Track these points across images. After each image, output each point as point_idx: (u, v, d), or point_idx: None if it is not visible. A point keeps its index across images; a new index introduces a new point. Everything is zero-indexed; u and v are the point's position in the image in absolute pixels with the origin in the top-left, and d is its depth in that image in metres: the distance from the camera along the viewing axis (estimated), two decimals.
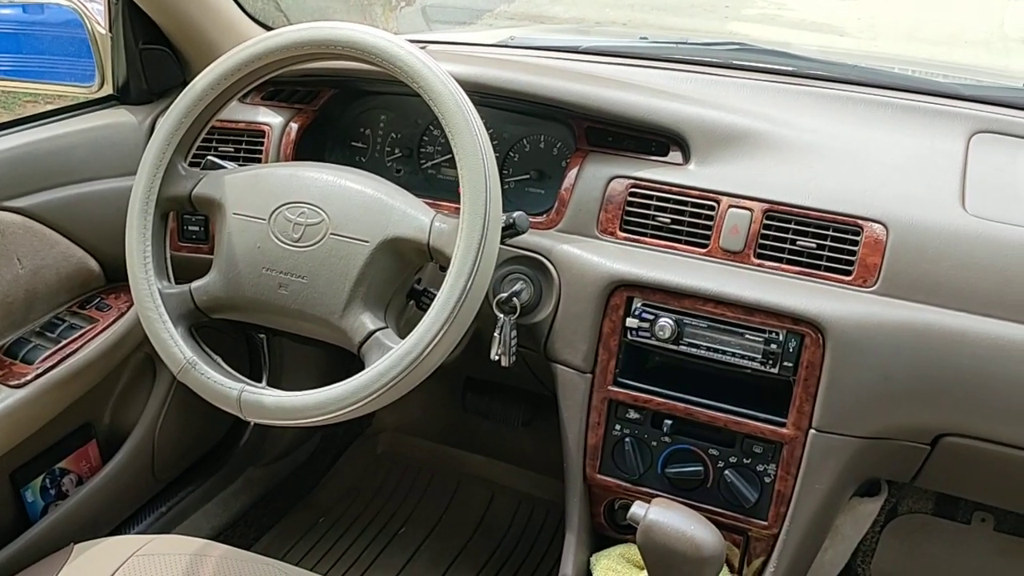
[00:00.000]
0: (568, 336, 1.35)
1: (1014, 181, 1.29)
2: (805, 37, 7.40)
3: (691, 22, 7.40)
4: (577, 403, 1.35)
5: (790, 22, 7.85)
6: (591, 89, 1.40)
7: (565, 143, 1.48)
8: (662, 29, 6.82)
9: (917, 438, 1.26)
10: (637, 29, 6.39)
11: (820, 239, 1.26)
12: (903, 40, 7.42)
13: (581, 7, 7.56)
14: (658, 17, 7.60)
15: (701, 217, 1.31)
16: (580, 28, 3.82)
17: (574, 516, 1.40)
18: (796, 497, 1.27)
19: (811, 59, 1.63)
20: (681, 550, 1.13)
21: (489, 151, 1.13)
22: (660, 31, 6.86)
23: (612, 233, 1.35)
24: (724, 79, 1.54)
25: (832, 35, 7.72)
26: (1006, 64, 6.83)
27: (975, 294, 1.19)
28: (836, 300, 1.22)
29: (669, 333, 1.28)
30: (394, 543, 1.89)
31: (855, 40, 7.59)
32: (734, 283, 1.26)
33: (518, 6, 7.45)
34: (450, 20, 3.95)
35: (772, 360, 1.25)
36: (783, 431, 1.26)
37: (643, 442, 1.34)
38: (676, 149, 1.38)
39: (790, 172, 1.32)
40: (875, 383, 1.21)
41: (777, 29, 7.60)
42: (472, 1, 7.08)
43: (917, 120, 1.43)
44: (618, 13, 7.30)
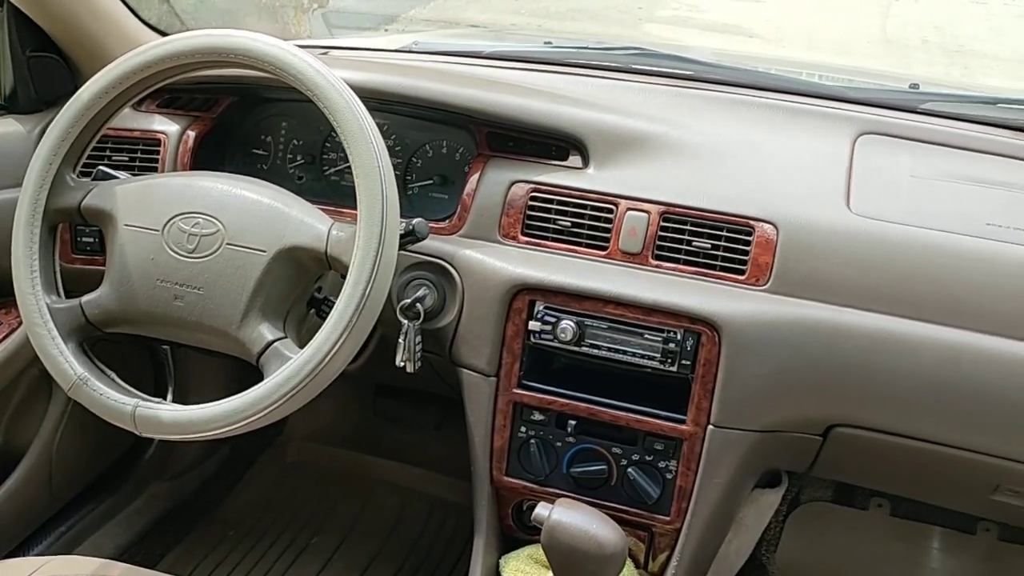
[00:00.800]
0: (472, 340, 1.36)
1: (895, 181, 1.35)
2: (715, 39, 7.57)
3: (605, 26, 7.49)
4: (483, 406, 1.36)
5: (701, 24, 8.02)
6: (491, 95, 1.41)
7: (467, 148, 1.49)
8: (576, 33, 6.90)
9: (809, 429, 1.31)
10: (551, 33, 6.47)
11: (715, 240, 1.29)
12: (805, 42, 7.65)
13: (496, 11, 7.59)
14: (573, 20, 7.67)
15: (600, 220, 1.34)
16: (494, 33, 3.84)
17: (482, 519, 1.41)
18: (696, 492, 1.30)
19: (707, 63, 1.68)
20: (584, 549, 1.15)
21: (385, 158, 1.13)
22: (574, 35, 6.93)
23: (514, 237, 1.37)
24: (624, 83, 1.57)
25: (741, 37, 7.91)
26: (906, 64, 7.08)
27: (859, 290, 1.23)
28: (730, 299, 1.26)
29: (571, 335, 1.30)
30: (306, 553, 1.87)
31: (762, 42, 7.79)
32: (633, 284, 1.29)
33: (433, 10, 7.45)
34: (352, 25, 3.92)
35: (671, 359, 1.28)
36: (683, 428, 1.29)
37: (548, 443, 1.35)
38: (575, 153, 1.40)
39: (686, 174, 1.35)
40: (768, 378, 1.25)
41: (688, 31, 7.75)
42: (384, 6, 7.04)
43: (806, 122, 1.48)
44: (532, 18, 7.35)
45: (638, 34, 7.09)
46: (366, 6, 6.31)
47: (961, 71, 6.73)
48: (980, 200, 1.31)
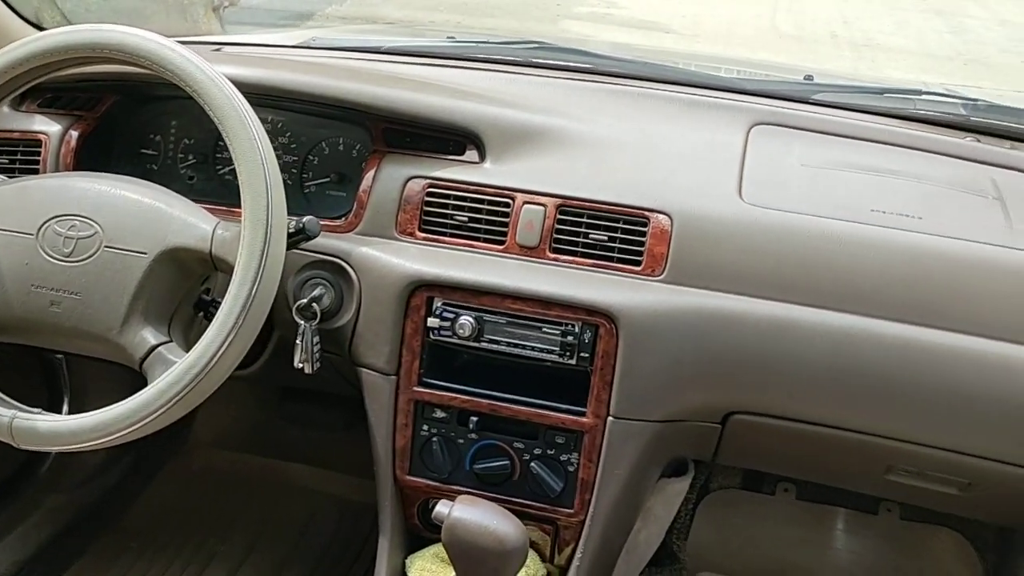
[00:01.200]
0: (371, 339, 1.34)
1: (786, 170, 1.37)
2: (633, 35, 7.65)
3: (523, 23, 7.51)
4: (383, 405, 1.34)
5: (618, 20, 8.09)
6: (384, 90, 1.39)
7: (364, 145, 1.46)
8: (495, 29, 6.90)
9: (708, 418, 1.32)
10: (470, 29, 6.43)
11: (611, 232, 1.30)
12: (721, 38, 7.78)
13: (414, 8, 7.54)
14: (491, 16, 7.67)
15: (497, 215, 1.33)
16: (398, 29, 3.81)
17: (387, 519, 1.39)
18: (599, 484, 1.30)
19: (606, 57, 1.68)
20: (485, 545, 1.14)
21: (270, 155, 1.10)
22: (492, 31, 6.92)
23: (411, 234, 1.35)
24: (523, 77, 1.57)
25: (658, 33, 8.00)
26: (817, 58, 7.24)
27: (753, 278, 1.25)
28: (627, 290, 1.26)
29: (470, 331, 1.28)
30: (214, 562, 1.83)
31: (678, 38, 7.89)
32: (530, 278, 1.28)
33: (350, 7, 7.36)
34: (264, 22, 3.85)
35: (569, 352, 1.28)
36: (583, 420, 1.29)
37: (450, 440, 1.34)
38: (472, 148, 1.39)
39: (582, 167, 1.35)
40: (666, 368, 1.26)
41: (606, 28, 7.82)
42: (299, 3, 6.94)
43: (701, 114, 1.50)
44: (451, 14, 7.33)
45: (556, 30, 7.13)
46: (279, 3, 6.21)
47: (869, 64, 6.93)
48: (866, 187, 1.34)
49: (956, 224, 1.27)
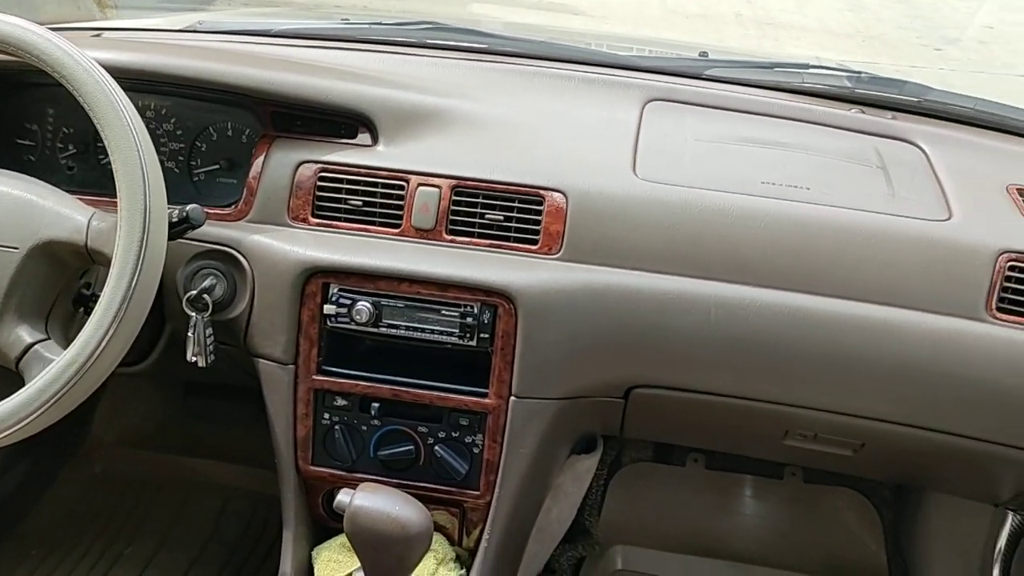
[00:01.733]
0: (266, 329, 1.31)
1: (680, 145, 1.39)
2: (542, 17, 7.65)
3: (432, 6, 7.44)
4: (282, 396, 1.32)
5: (527, 3, 8.07)
6: (272, 74, 1.35)
7: (254, 130, 1.42)
8: (404, 12, 6.81)
9: (610, 393, 1.33)
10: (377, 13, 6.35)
11: (507, 211, 1.29)
12: (630, 19, 7.84)
13: None
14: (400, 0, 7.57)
15: (392, 198, 1.31)
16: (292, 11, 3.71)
17: (290, 511, 1.37)
18: (504, 464, 1.30)
19: (502, 36, 1.67)
20: (388, 531, 1.12)
21: (146, 141, 1.07)
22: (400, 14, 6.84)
23: (304, 220, 1.32)
24: (418, 59, 1.55)
25: (566, 15, 8.01)
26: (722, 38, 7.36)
27: (647, 253, 1.26)
28: (524, 270, 1.26)
29: (367, 316, 1.27)
30: (118, 565, 1.77)
31: (587, 19, 7.92)
32: (427, 261, 1.27)
33: None
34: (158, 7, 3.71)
35: (469, 333, 1.27)
36: (486, 401, 1.29)
37: (353, 428, 1.33)
38: (364, 131, 1.36)
39: (476, 147, 1.34)
40: (566, 346, 1.26)
41: (515, 10, 7.79)
42: None
43: (596, 91, 1.50)
44: None
45: (465, 13, 7.07)
46: None
47: (772, 43, 7.07)
48: (758, 160, 1.37)
49: (842, 193, 1.30)
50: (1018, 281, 1.21)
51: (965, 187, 1.33)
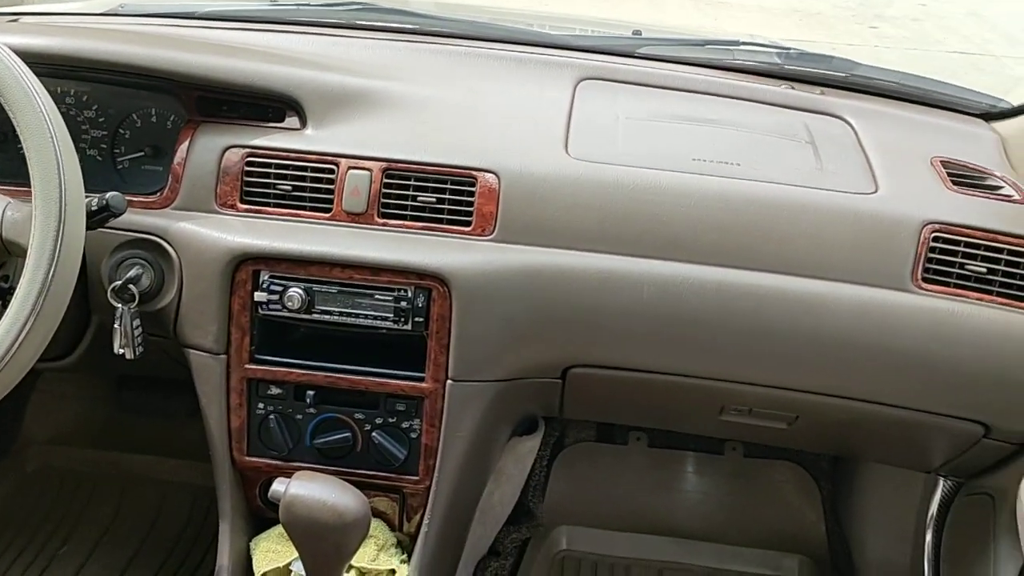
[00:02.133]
0: (196, 318, 1.28)
1: (612, 123, 1.39)
2: None
3: None
4: (214, 386, 1.29)
5: None
6: (195, 57, 1.32)
7: (179, 115, 1.39)
8: None
9: (547, 374, 1.33)
10: None
11: (439, 193, 1.28)
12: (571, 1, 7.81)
13: None
14: None
15: (322, 182, 1.29)
16: None
17: (226, 503, 1.34)
18: (442, 448, 1.30)
19: (432, 16, 1.65)
20: (324, 520, 1.11)
21: (60, 127, 1.03)
22: None
23: (232, 206, 1.30)
24: (347, 40, 1.53)
25: None
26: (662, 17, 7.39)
27: (580, 232, 1.26)
28: (458, 252, 1.25)
29: (299, 303, 1.25)
30: (54, 565, 1.73)
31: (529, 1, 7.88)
32: (359, 245, 1.25)
33: None
34: None
35: (404, 317, 1.26)
36: (422, 386, 1.28)
37: (288, 417, 1.31)
38: (292, 114, 1.34)
39: (407, 129, 1.33)
40: (501, 327, 1.26)
41: None
42: None
43: (529, 71, 1.49)
44: None
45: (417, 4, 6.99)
46: None
47: (712, 22, 7.12)
48: (688, 137, 1.37)
49: (771, 168, 1.31)
50: (942, 252, 1.23)
51: (891, 160, 1.35)
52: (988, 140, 1.44)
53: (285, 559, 1.31)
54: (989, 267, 1.23)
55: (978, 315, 1.22)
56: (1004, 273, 1.23)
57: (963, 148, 1.41)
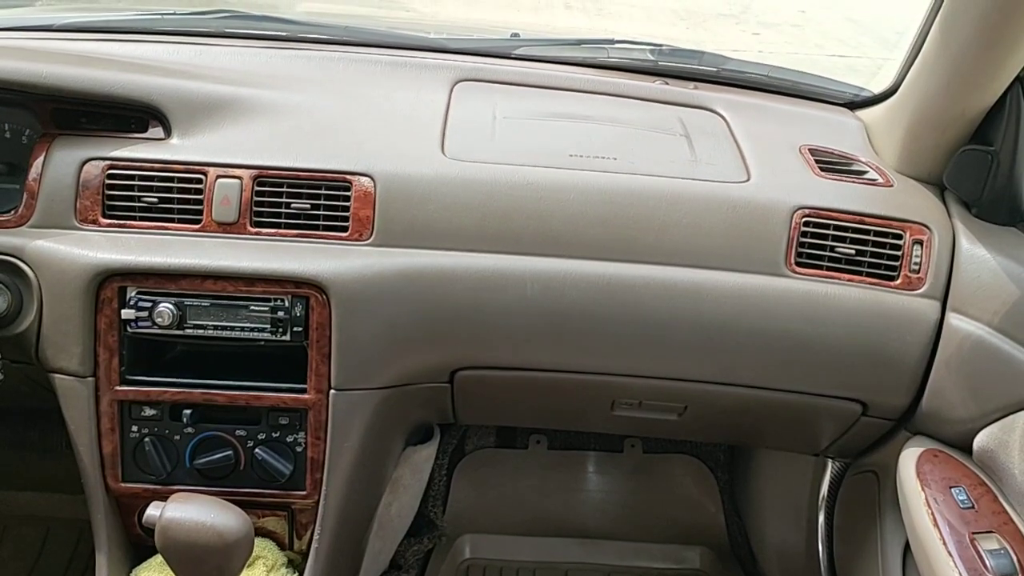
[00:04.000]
0: (59, 341, 1.22)
1: (488, 123, 1.38)
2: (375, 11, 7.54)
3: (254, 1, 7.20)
4: (83, 411, 1.23)
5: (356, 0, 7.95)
6: (46, 67, 1.26)
7: (35, 130, 1.32)
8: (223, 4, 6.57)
9: (435, 378, 1.31)
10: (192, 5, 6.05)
11: (314, 199, 1.25)
12: (462, 12, 7.84)
13: None
14: None
15: (190, 192, 1.24)
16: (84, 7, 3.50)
17: (102, 533, 1.28)
18: (328, 460, 1.26)
19: (303, 23, 1.62)
20: (205, 542, 1.06)
21: None
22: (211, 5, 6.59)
23: (94, 221, 1.24)
24: (215, 48, 1.48)
25: (399, 9, 7.94)
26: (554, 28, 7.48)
27: (460, 232, 1.24)
28: (335, 258, 1.22)
29: (170, 319, 1.20)
30: None
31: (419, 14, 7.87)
32: (231, 255, 1.21)
33: None
34: None
35: (282, 328, 1.22)
36: (304, 397, 1.24)
37: (165, 438, 1.25)
38: (156, 124, 1.29)
39: (277, 135, 1.29)
40: (383, 333, 1.23)
41: (345, 5, 7.66)
42: None
43: (405, 74, 1.48)
44: None
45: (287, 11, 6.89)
46: None
47: (602, 33, 7.22)
48: (565, 134, 1.37)
49: (647, 161, 1.32)
50: (813, 236, 1.26)
51: (762, 149, 1.37)
52: (853, 127, 1.49)
53: None
54: (858, 248, 1.26)
55: (850, 295, 1.25)
56: (872, 254, 1.26)
57: (829, 136, 1.45)
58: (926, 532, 1.11)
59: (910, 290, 1.25)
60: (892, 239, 1.26)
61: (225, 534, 1.07)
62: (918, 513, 1.14)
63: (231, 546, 1.08)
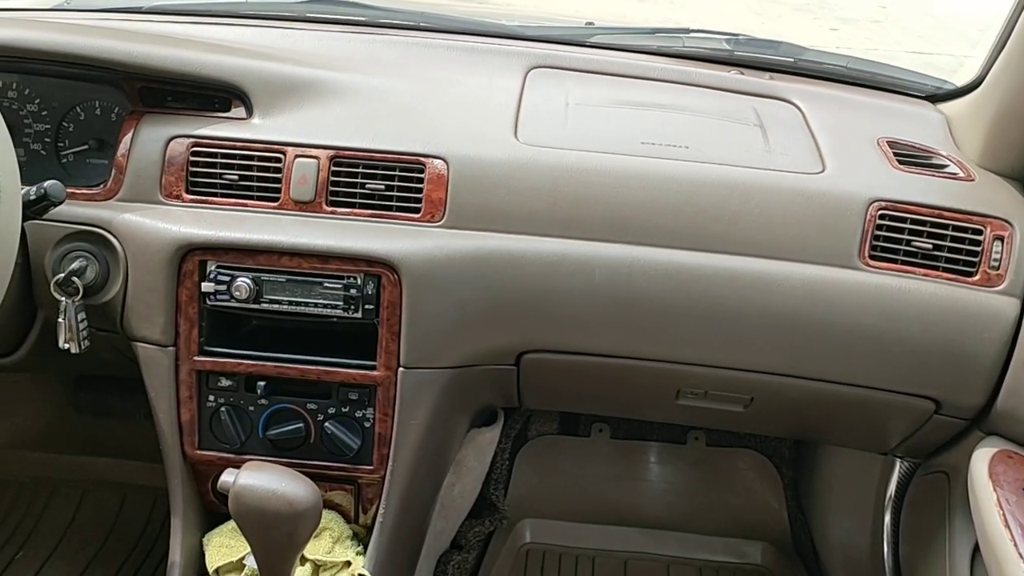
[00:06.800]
0: (143, 311, 1.26)
1: (561, 109, 1.39)
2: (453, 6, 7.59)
3: None
4: (163, 379, 1.28)
5: None
6: (137, 46, 1.31)
7: (124, 108, 1.37)
8: None
9: (501, 360, 1.32)
10: None
11: (388, 180, 1.27)
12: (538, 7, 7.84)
13: None
14: None
15: (269, 171, 1.28)
16: None
17: (178, 498, 1.32)
18: (396, 437, 1.29)
19: (382, 8, 1.65)
20: (275, 509, 1.09)
21: None
22: None
23: (178, 196, 1.28)
24: (297, 32, 1.52)
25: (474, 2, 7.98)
26: None
27: (530, 217, 1.26)
28: (407, 238, 1.24)
29: (247, 293, 1.23)
30: (10, 571, 1.70)
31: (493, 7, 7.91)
32: (307, 233, 1.24)
33: None
34: None
35: (353, 305, 1.25)
36: (374, 374, 1.27)
37: (240, 409, 1.29)
38: (238, 104, 1.33)
39: (355, 117, 1.32)
40: (452, 313, 1.25)
41: None
42: None
43: (479, 60, 1.49)
44: None
45: None
46: None
47: (674, 24, 7.15)
48: (637, 121, 1.37)
49: (720, 151, 1.31)
50: (889, 229, 1.24)
51: (838, 141, 1.36)
52: (934, 121, 1.46)
53: (238, 553, 1.29)
54: (935, 243, 1.24)
55: (925, 291, 1.22)
56: (950, 249, 1.24)
57: (909, 128, 1.42)
58: (996, 533, 1.09)
59: (989, 287, 1.23)
60: (972, 234, 1.23)
61: (295, 503, 1.10)
62: (989, 514, 1.12)
63: (300, 515, 1.11)
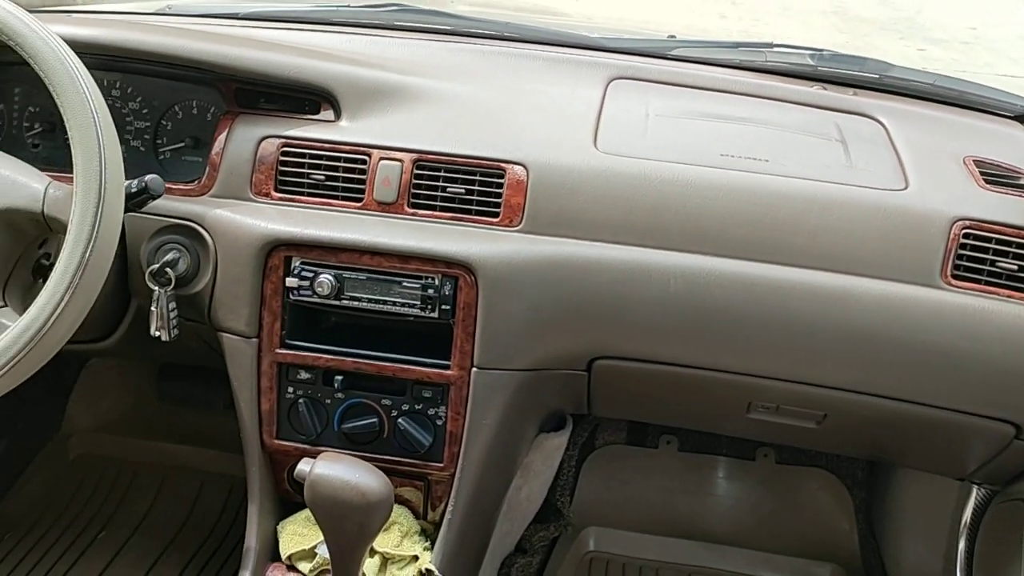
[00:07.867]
0: (230, 302, 1.31)
1: (641, 120, 1.40)
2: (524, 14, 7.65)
3: None
4: (246, 370, 1.32)
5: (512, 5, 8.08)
6: (233, 49, 1.36)
7: (219, 107, 1.43)
8: None
9: (573, 365, 1.34)
10: None
11: (468, 184, 1.30)
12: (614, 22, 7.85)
13: None
14: None
15: (354, 172, 1.32)
16: None
17: (255, 485, 1.37)
18: (467, 435, 1.31)
19: (468, 18, 1.69)
20: (348, 499, 1.12)
21: (103, 110, 1.07)
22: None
23: (267, 194, 1.33)
24: (384, 40, 1.56)
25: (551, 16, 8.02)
26: None
27: (607, 224, 1.27)
28: (485, 241, 1.27)
29: (329, 289, 1.27)
30: (91, 550, 1.77)
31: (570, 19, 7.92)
32: (388, 233, 1.28)
33: None
34: None
35: (431, 305, 1.28)
36: (448, 373, 1.29)
37: (317, 401, 1.33)
38: (327, 107, 1.37)
39: (438, 122, 1.35)
40: (526, 316, 1.27)
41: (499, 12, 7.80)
42: None
43: (562, 70, 1.52)
44: None
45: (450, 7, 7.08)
46: None
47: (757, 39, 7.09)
48: (717, 133, 1.38)
49: (800, 165, 1.31)
50: (973, 248, 1.22)
51: (922, 158, 1.34)
52: (1022, 141, 1.43)
53: (311, 542, 1.33)
54: (1021, 264, 1.22)
55: (1009, 312, 1.20)
56: None
57: (997, 148, 1.40)
58: None
59: None
60: None
61: (368, 494, 1.13)
62: None
63: (372, 506, 1.13)
